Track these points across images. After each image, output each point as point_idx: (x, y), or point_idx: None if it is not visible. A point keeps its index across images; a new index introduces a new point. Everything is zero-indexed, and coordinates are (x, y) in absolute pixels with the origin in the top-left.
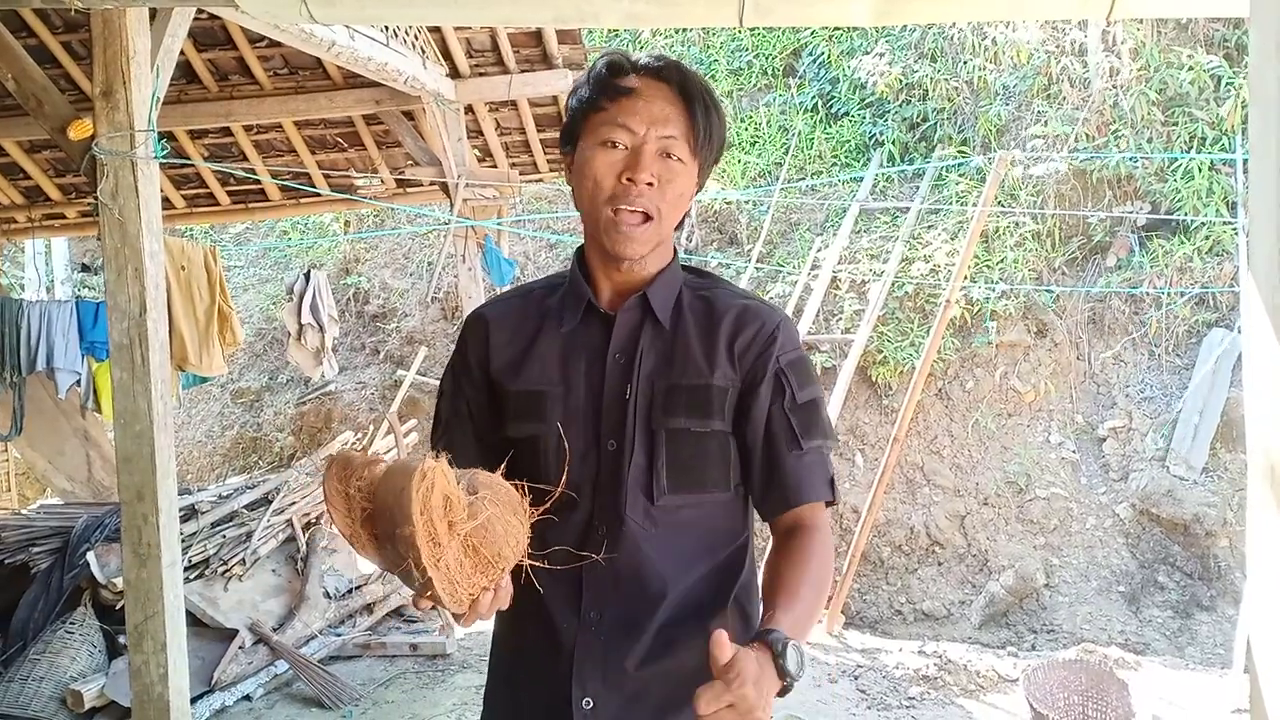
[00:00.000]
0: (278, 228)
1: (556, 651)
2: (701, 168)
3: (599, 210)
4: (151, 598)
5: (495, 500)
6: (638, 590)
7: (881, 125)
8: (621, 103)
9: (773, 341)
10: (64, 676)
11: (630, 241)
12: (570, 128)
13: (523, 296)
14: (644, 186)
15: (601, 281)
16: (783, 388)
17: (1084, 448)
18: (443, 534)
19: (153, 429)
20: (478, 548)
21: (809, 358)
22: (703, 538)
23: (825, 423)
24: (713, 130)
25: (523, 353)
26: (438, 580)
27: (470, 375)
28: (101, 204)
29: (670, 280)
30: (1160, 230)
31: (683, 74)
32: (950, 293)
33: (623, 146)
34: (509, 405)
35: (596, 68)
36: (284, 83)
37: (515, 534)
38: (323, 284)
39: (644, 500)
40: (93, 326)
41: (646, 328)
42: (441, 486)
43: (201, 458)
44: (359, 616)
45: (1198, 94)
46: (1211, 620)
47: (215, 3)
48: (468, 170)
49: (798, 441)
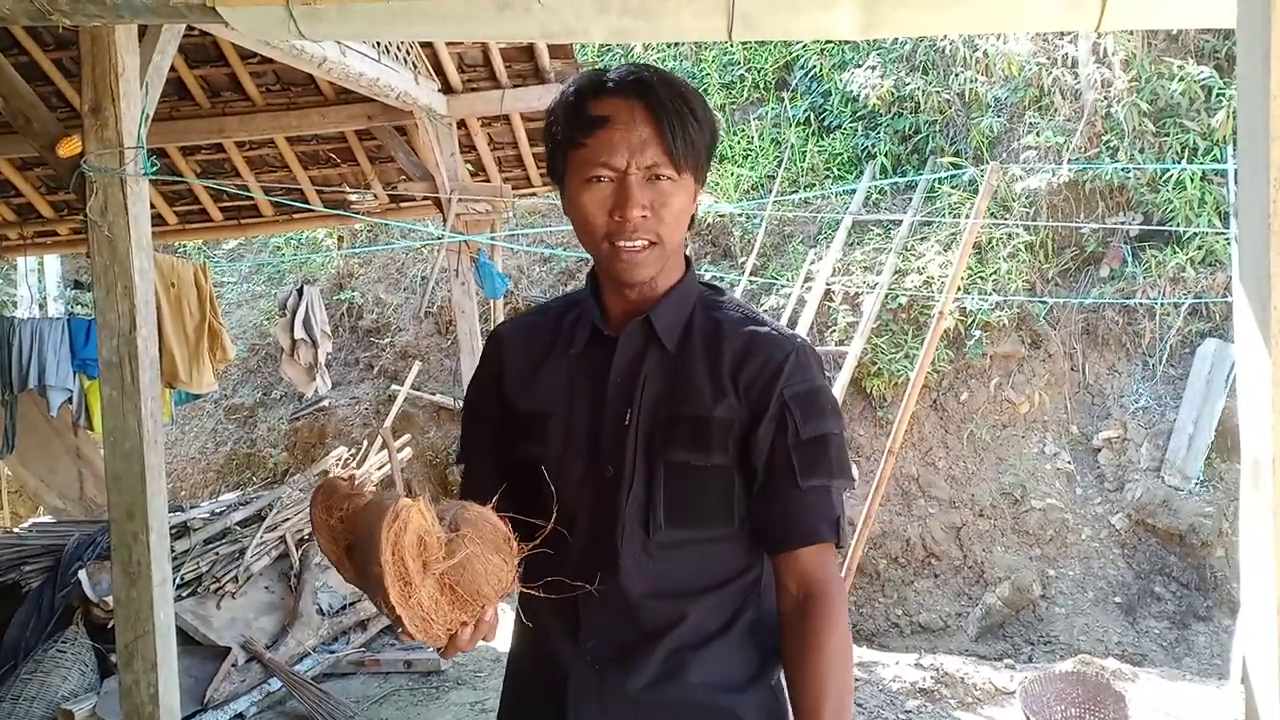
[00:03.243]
0: (271, 243)
1: (554, 680)
2: (695, 172)
3: (598, 246)
4: (142, 617)
5: (477, 537)
6: (634, 623)
7: (874, 138)
8: (598, 135)
9: (778, 374)
10: (55, 696)
11: (635, 268)
12: (553, 163)
13: (540, 314)
14: (638, 220)
15: (612, 301)
16: (785, 423)
17: (1079, 458)
18: (415, 573)
19: (143, 447)
20: (454, 586)
21: (825, 390)
22: (704, 574)
23: (834, 461)
24: (693, 138)
25: (532, 372)
26: (407, 618)
27: (487, 394)
28: (91, 221)
29: (680, 299)
30: (1153, 241)
31: (648, 88)
32: (944, 304)
33: (608, 180)
34: (516, 425)
35: (566, 95)
36: (276, 98)
37: (497, 571)
38: (316, 299)
39: (640, 533)
40: (84, 344)
41: (651, 352)
42: (415, 526)
43: (195, 474)
44: (353, 633)
45: (1189, 105)
46: (1208, 631)
47: (203, 19)
48: (460, 185)
49: (795, 480)
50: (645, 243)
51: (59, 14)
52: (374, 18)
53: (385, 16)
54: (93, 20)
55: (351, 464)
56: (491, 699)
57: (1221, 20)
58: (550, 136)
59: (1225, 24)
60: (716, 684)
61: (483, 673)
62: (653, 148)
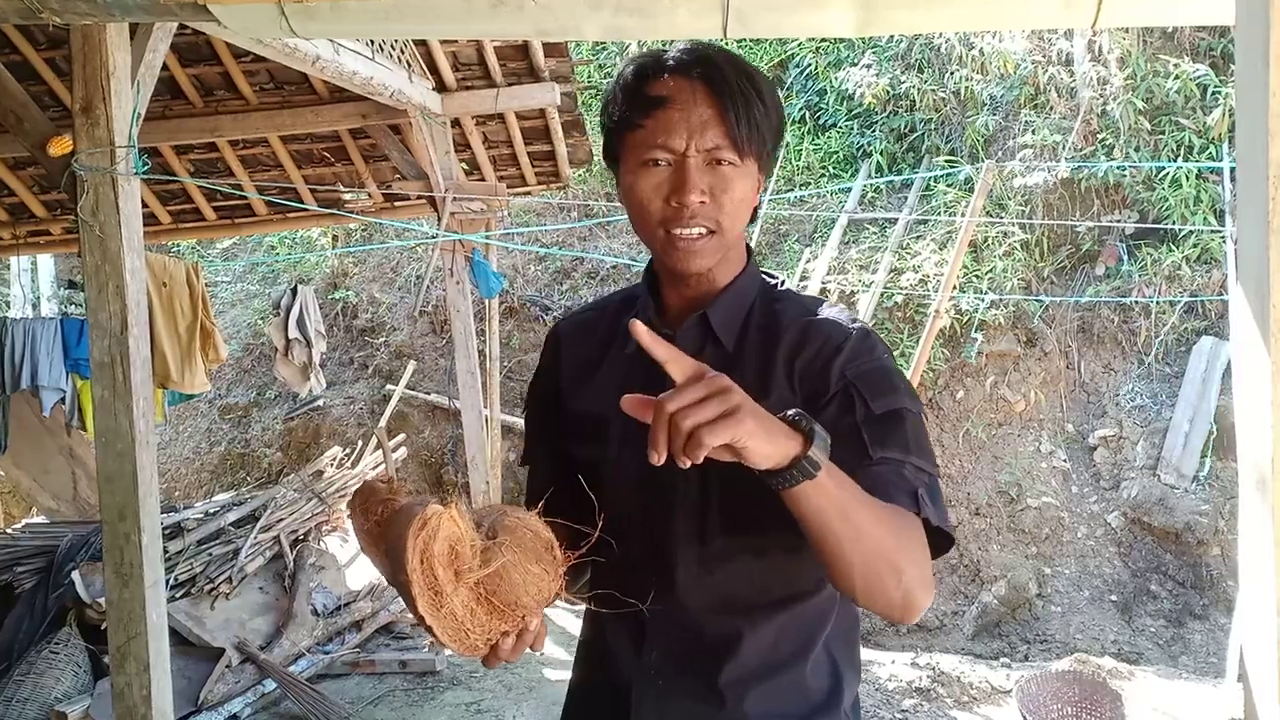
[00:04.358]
0: (265, 243)
1: (615, 689)
2: (760, 159)
3: (653, 233)
4: (134, 618)
5: (515, 545)
6: (695, 638)
7: (869, 136)
8: (656, 116)
9: (837, 354)
10: (49, 698)
11: (692, 257)
12: (609, 145)
13: (598, 310)
14: (696, 205)
15: (670, 295)
16: (852, 401)
17: (1075, 457)
18: (446, 582)
19: (135, 447)
20: (490, 596)
21: (896, 371)
22: (767, 588)
23: (912, 439)
24: (758, 122)
25: (589, 372)
26: (439, 628)
27: (546, 395)
28: (82, 220)
29: (739, 294)
30: (1148, 239)
31: (712, 67)
32: (939, 303)
33: (665, 164)
34: (575, 427)
35: (624, 76)
36: (270, 98)
37: (537, 581)
38: (310, 299)
39: (695, 544)
40: (77, 344)
41: (708, 350)
42: (446, 534)
43: (189, 474)
44: (347, 633)
45: (1185, 103)
46: (1204, 629)
47: (195, 18)
48: (455, 184)
49: (866, 452)
50: (703, 230)
51: (49, 12)
52: (367, 15)
53: (378, 14)
54: (84, 18)
55: (346, 464)
56: (487, 699)
57: (1218, 18)
58: (607, 118)
59: (1222, 21)
60: (785, 713)
61: (478, 674)
62: (714, 129)
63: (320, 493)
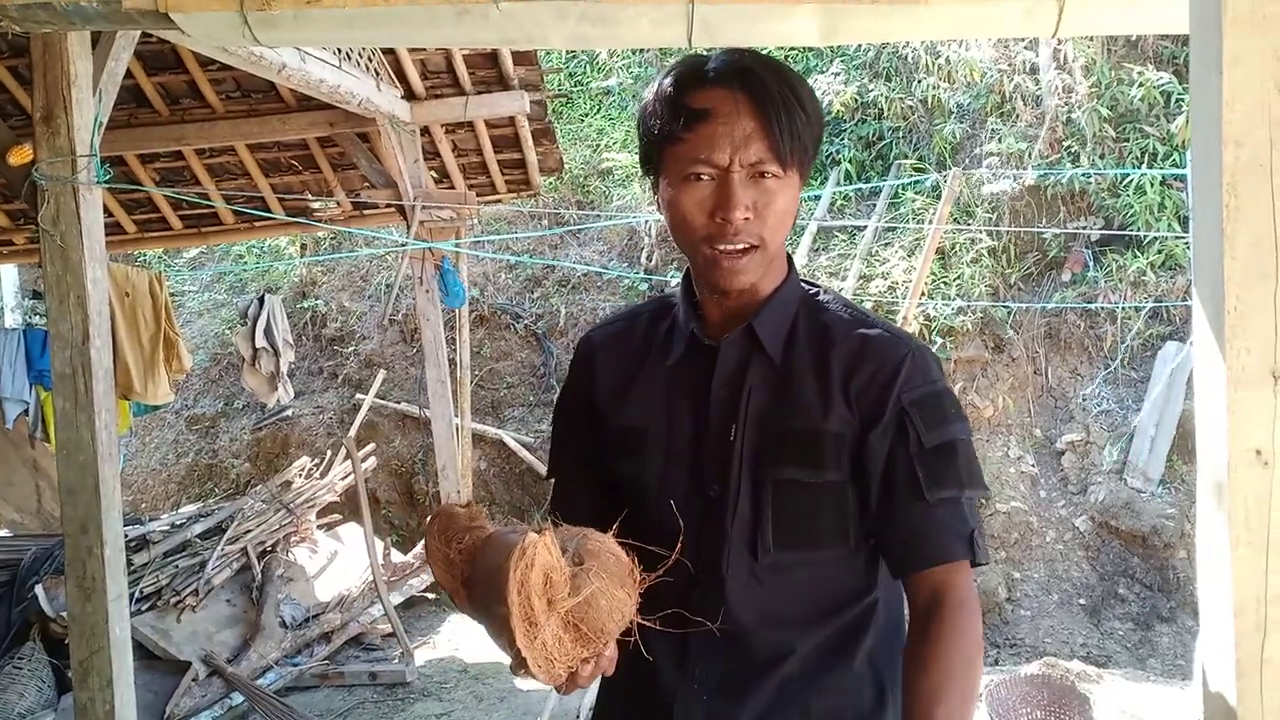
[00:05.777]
0: (233, 251)
1: (657, 707)
2: (801, 169)
3: (696, 249)
4: (97, 633)
5: (601, 571)
6: (743, 651)
7: (838, 144)
8: (698, 130)
9: (894, 379)
10: (12, 713)
11: (736, 274)
12: (647, 155)
13: (630, 320)
14: (740, 221)
15: (710, 306)
16: (905, 431)
17: (1043, 461)
18: (540, 612)
19: (97, 460)
20: (578, 624)
21: (948, 392)
22: (817, 599)
23: (964, 469)
24: (800, 132)
25: (626, 385)
26: (532, 659)
27: (578, 407)
28: (43, 230)
29: (784, 304)
30: (1114, 245)
31: (753, 78)
32: (908, 309)
33: (708, 178)
34: (611, 441)
35: (663, 86)
36: (236, 106)
37: (620, 606)
38: (277, 308)
39: (747, 557)
40: (41, 355)
41: (755, 362)
42: (543, 563)
43: (156, 485)
44: (316, 646)
45: (1149, 110)
46: (1171, 632)
47: (156, 26)
48: (424, 191)
49: (921, 492)
50: (747, 245)
51: (8, 20)
52: (330, 24)
53: (342, 22)
54: (43, 27)
55: (315, 474)
56: (458, 710)
57: (1176, 26)
58: (645, 129)
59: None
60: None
61: (448, 684)
62: (758, 143)
63: (289, 504)
